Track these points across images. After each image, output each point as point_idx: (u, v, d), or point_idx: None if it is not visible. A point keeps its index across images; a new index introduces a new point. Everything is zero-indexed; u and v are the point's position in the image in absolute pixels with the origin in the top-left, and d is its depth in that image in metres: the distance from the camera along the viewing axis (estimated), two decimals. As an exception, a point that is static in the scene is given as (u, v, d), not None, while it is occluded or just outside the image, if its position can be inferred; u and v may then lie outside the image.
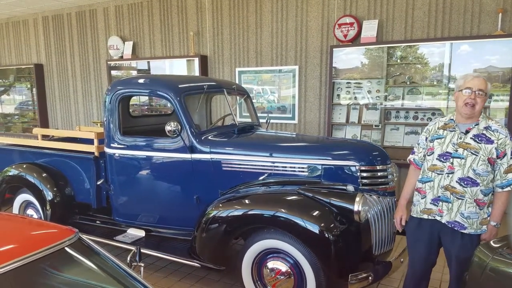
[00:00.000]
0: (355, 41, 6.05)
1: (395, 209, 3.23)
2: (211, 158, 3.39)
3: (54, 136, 4.98)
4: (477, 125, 2.41)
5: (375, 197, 3.07)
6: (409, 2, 5.72)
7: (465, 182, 2.39)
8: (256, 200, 3.05)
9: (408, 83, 5.82)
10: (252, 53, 6.93)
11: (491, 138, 2.35)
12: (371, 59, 6.08)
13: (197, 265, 3.22)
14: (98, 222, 4.15)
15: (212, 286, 3.55)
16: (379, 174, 3.15)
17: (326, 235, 2.71)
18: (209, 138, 3.48)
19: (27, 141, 4.63)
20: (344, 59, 6.21)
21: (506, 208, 2.38)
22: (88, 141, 4.35)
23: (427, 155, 2.59)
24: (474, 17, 5.38)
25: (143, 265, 1.83)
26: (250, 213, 2.99)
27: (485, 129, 2.38)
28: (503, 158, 2.34)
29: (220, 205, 3.18)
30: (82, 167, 4.04)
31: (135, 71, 8.32)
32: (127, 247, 3.60)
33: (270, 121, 4.54)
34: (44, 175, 4.12)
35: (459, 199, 2.41)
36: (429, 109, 5.75)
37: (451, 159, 2.43)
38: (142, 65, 8.16)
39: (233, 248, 3.34)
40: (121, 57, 8.22)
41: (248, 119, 4.68)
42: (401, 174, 4.50)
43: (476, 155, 2.36)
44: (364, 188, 3.07)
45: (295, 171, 3.23)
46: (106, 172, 3.90)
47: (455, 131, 2.47)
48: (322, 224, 2.73)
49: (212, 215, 3.15)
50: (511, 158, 2.34)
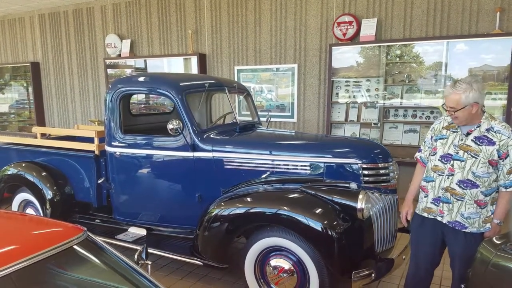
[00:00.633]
0: (354, 39, 6.07)
1: (397, 206, 3.27)
2: (213, 156, 3.38)
3: (51, 135, 4.95)
4: (478, 127, 2.39)
5: (377, 194, 3.09)
6: (408, 0, 5.74)
7: (464, 185, 2.40)
8: (259, 198, 3.06)
9: (407, 81, 5.85)
10: (251, 51, 6.93)
11: (493, 139, 2.33)
12: (370, 57, 6.09)
13: (200, 263, 3.22)
14: (98, 221, 4.13)
15: (214, 284, 3.55)
16: (381, 172, 3.17)
17: (329, 232, 2.71)
18: (211, 136, 3.48)
19: (26, 139, 4.60)
20: (343, 57, 6.22)
21: (509, 206, 2.40)
22: (87, 139, 4.34)
23: (430, 155, 2.60)
24: (472, 16, 5.41)
25: (150, 263, 1.83)
26: (253, 211, 2.99)
27: (487, 130, 2.36)
28: (505, 159, 2.32)
29: (222, 203, 3.18)
30: (82, 166, 4.02)
31: (130, 69, 8.29)
32: (129, 245, 3.59)
33: (270, 119, 4.54)
34: (43, 174, 4.10)
35: (459, 200, 2.43)
36: (427, 107, 5.78)
37: (451, 161, 2.44)
38: (139, 63, 8.13)
39: (234, 246, 3.34)
40: (119, 55, 8.19)
41: (248, 118, 4.68)
42: (400, 172, 4.51)
43: (476, 157, 2.36)
44: (366, 185, 3.08)
45: (297, 169, 3.24)
46: (106, 171, 3.89)
47: (457, 132, 2.47)
48: (326, 222, 2.74)
49: (214, 213, 3.15)
50: None
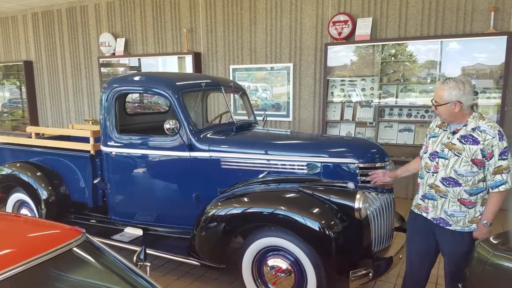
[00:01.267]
0: (349, 38, 6.08)
1: (394, 205, 3.28)
2: (209, 156, 3.37)
3: (44, 134, 4.90)
4: (465, 126, 2.40)
5: (374, 194, 3.09)
6: (403, 0, 5.75)
7: (447, 182, 2.43)
8: (256, 198, 3.05)
9: (402, 80, 5.87)
10: (246, 50, 6.91)
11: (477, 139, 2.33)
12: (365, 57, 6.11)
13: (197, 263, 3.21)
14: (94, 221, 4.11)
15: (211, 284, 3.54)
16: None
17: (327, 232, 2.72)
18: (207, 136, 3.46)
19: (21, 139, 4.55)
20: (338, 56, 6.23)
21: (497, 208, 2.37)
22: (82, 139, 4.31)
23: (424, 153, 2.64)
24: (466, 15, 5.44)
25: (149, 264, 1.82)
26: (250, 211, 2.98)
27: (473, 130, 2.36)
28: (490, 159, 2.32)
29: (219, 203, 3.17)
30: (78, 166, 3.99)
31: (122, 68, 8.24)
32: (126, 246, 3.57)
33: (267, 118, 4.53)
34: (38, 174, 4.06)
35: (443, 197, 2.46)
36: (422, 106, 5.80)
37: (437, 159, 2.48)
38: (134, 62, 8.09)
39: (231, 246, 3.33)
40: (113, 54, 8.14)
41: (243, 117, 4.67)
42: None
43: (458, 156, 2.37)
44: (363, 185, 3.09)
45: (294, 168, 3.23)
46: (102, 171, 3.86)
47: (446, 130, 2.51)
48: (323, 221, 2.74)
49: (211, 213, 3.14)
50: (498, 159, 2.30)
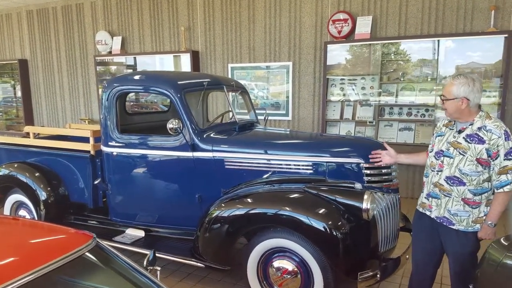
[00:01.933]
0: (349, 37, 6.05)
1: (399, 206, 3.26)
2: (213, 156, 3.32)
3: (39, 134, 4.81)
4: (471, 125, 2.39)
5: (380, 194, 3.06)
6: (403, -2, 5.74)
7: (451, 181, 2.41)
8: (261, 198, 3.01)
9: (402, 79, 5.86)
10: (245, 49, 6.86)
11: (483, 138, 2.32)
12: (365, 55, 6.08)
13: (201, 265, 3.17)
14: (94, 223, 4.05)
15: (214, 286, 3.50)
16: (383, 171, 3.15)
17: (334, 233, 2.68)
18: (211, 136, 3.41)
19: (19, 139, 4.47)
20: (338, 55, 6.20)
21: (502, 208, 2.35)
22: (79, 139, 4.24)
23: (430, 152, 2.64)
24: (467, 14, 5.43)
25: (159, 268, 1.77)
26: (255, 212, 2.94)
27: (479, 129, 2.35)
28: (496, 159, 2.30)
29: (223, 204, 3.13)
30: (77, 166, 3.92)
31: (115, 66, 8.16)
32: (131, 248, 3.51)
33: (268, 118, 4.49)
34: (37, 174, 4.00)
35: (447, 196, 2.45)
36: (422, 105, 5.79)
37: (442, 158, 2.47)
38: (131, 60, 8.01)
39: (236, 248, 3.29)
40: (110, 52, 8.04)
41: (243, 116, 4.61)
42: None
43: (463, 155, 2.36)
44: (368, 185, 3.06)
45: (299, 168, 3.19)
46: (102, 171, 3.79)
47: (452, 129, 2.50)
48: (331, 222, 2.71)
49: (215, 215, 3.10)
50: (504, 159, 2.28)
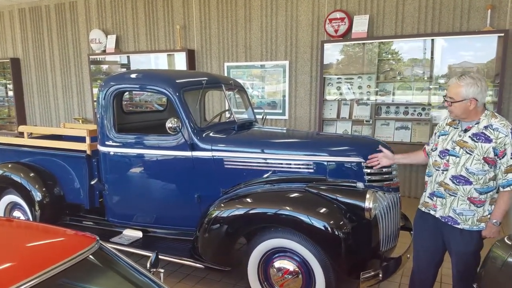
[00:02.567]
0: (346, 36, 6.03)
1: (400, 205, 3.25)
2: (212, 156, 3.29)
3: (32, 134, 4.73)
4: (477, 123, 2.37)
5: (381, 193, 3.05)
6: (400, -3, 5.74)
7: (457, 180, 2.39)
8: (262, 198, 2.98)
9: (399, 78, 5.86)
10: (241, 47, 6.82)
11: (490, 137, 2.31)
12: (362, 54, 6.08)
13: (201, 266, 3.13)
14: (90, 223, 3.99)
15: (213, 286, 3.47)
16: (384, 170, 3.13)
17: (337, 232, 2.66)
18: (210, 135, 3.38)
19: (13, 139, 4.39)
20: (334, 54, 6.18)
21: (507, 207, 2.36)
22: (74, 138, 4.18)
23: (432, 150, 2.62)
24: (463, 13, 5.44)
25: (163, 270, 1.73)
26: (256, 212, 2.91)
27: (485, 128, 2.34)
28: (503, 157, 2.29)
29: (222, 204, 3.09)
30: (73, 166, 3.86)
31: (107, 65, 8.07)
32: (125, 249, 3.46)
33: (266, 117, 4.46)
34: (31, 174, 3.93)
35: (452, 195, 2.43)
36: (419, 104, 5.80)
37: (447, 157, 2.45)
38: (125, 59, 7.93)
39: (235, 248, 3.25)
40: (104, 51, 7.96)
41: (242, 115, 4.58)
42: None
43: (470, 154, 2.35)
44: (369, 184, 3.04)
45: (299, 168, 3.17)
46: (99, 171, 3.74)
47: (457, 128, 2.48)
48: (333, 222, 2.69)
49: (214, 215, 3.06)
50: (511, 158, 2.28)
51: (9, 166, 4.06)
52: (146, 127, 4.12)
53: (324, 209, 2.76)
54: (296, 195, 2.91)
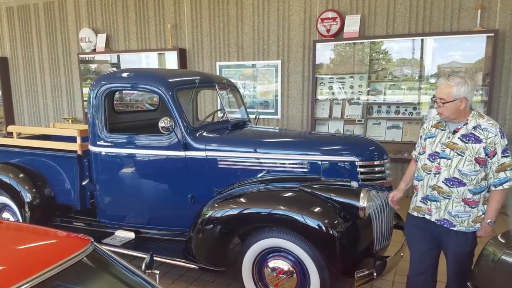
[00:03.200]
0: (338, 36, 6.05)
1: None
2: (206, 156, 3.26)
3: (21, 134, 4.65)
4: (465, 124, 2.36)
5: (374, 192, 3.05)
6: (391, -3, 5.77)
7: (451, 183, 2.38)
8: (256, 198, 2.97)
9: (390, 78, 5.89)
10: (233, 47, 6.80)
11: (479, 137, 2.31)
12: (354, 54, 6.09)
13: (195, 267, 3.10)
14: (82, 225, 3.94)
15: (207, 287, 3.44)
16: (377, 169, 3.14)
17: (332, 231, 2.66)
18: (203, 134, 3.35)
19: (1, 139, 4.30)
20: (326, 54, 6.19)
21: (499, 206, 2.36)
22: (64, 138, 4.12)
23: (420, 154, 2.59)
24: (454, 13, 5.49)
25: (158, 272, 1.71)
26: (251, 212, 2.90)
27: (474, 128, 2.33)
28: (493, 157, 2.30)
29: (216, 205, 3.07)
30: (64, 167, 3.81)
31: (95, 65, 7.99)
32: (118, 250, 3.42)
33: (259, 116, 4.45)
34: (21, 175, 3.87)
35: (446, 198, 2.41)
36: (410, 103, 5.84)
37: (438, 159, 2.42)
38: (115, 58, 7.83)
39: (230, 248, 3.23)
40: (94, 50, 7.86)
41: (234, 115, 4.56)
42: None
43: (462, 155, 2.34)
44: (362, 183, 3.05)
45: (293, 167, 3.16)
46: (90, 172, 3.69)
47: (445, 130, 2.45)
48: (327, 221, 2.69)
49: (208, 215, 3.04)
50: (502, 157, 2.29)
51: (-2, 166, 3.98)
52: (137, 127, 4.08)
53: (319, 208, 2.75)
54: (290, 194, 2.90)
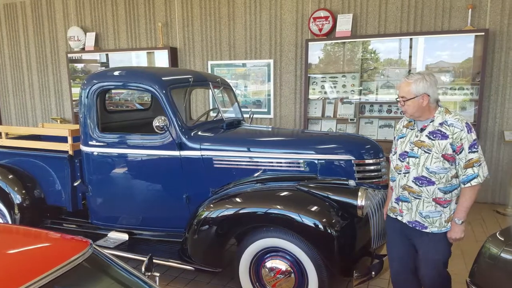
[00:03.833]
0: (330, 35, 6.05)
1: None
2: (201, 155, 3.22)
3: (9, 135, 4.54)
4: (432, 121, 2.33)
5: (371, 190, 3.04)
6: (383, -4, 5.79)
7: (420, 182, 2.33)
8: (254, 197, 2.93)
9: (382, 77, 5.91)
10: (225, 45, 6.75)
11: (446, 133, 2.26)
12: (346, 53, 6.10)
13: (191, 268, 3.06)
14: (73, 226, 3.86)
15: (202, 288, 3.40)
16: (373, 168, 3.13)
17: (330, 230, 2.64)
18: (198, 134, 3.30)
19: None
20: (319, 53, 6.19)
21: (470, 204, 2.27)
22: (53, 138, 4.04)
23: (392, 155, 2.57)
24: (445, 12, 5.53)
25: (158, 274, 1.66)
26: (248, 211, 2.86)
27: (441, 124, 2.29)
28: (460, 153, 2.24)
29: (212, 205, 3.03)
30: (54, 168, 3.72)
31: (82, 64, 7.88)
32: (112, 252, 3.35)
33: (253, 115, 4.41)
34: (10, 176, 3.77)
35: (417, 198, 2.37)
36: (402, 102, 5.85)
37: (407, 159, 2.39)
38: (104, 57, 7.72)
39: (226, 249, 3.19)
40: (83, 49, 7.75)
41: (228, 114, 4.52)
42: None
43: (429, 153, 2.29)
44: (359, 182, 3.03)
45: (290, 166, 3.13)
46: (82, 172, 3.61)
47: (414, 129, 2.43)
48: (326, 220, 2.67)
49: (204, 216, 3.00)
50: (469, 152, 2.23)
51: (-15, 168, 3.88)
52: (130, 126, 4.01)
53: (317, 207, 2.73)
54: (287, 193, 2.87)
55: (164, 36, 7.12)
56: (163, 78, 3.34)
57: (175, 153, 3.23)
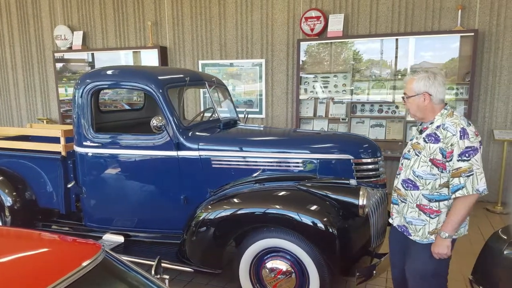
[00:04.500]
0: (322, 35, 6.06)
1: (387, 201, 3.27)
2: (199, 155, 3.18)
3: None
4: (431, 123, 2.22)
5: (369, 189, 3.05)
6: (374, -3, 5.83)
7: (406, 184, 2.25)
8: (253, 198, 2.91)
9: (373, 77, 5.95)
10: (216, 45, 6.71)
11: (439, 136, 2.12)
12: (337, 53, 6.12)
13: (190, 269, 3.02)
14: (66, 229, 3.77)
15: (200, 290, 3.36)
16: (371, 167, 3.14)
17: (331, 230, 2.63)
18: (196, 133, 3.26)
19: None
20: (310, 53, 6.20)
21: (459, 218, 2.06)
22: (42, 139, 3.95)
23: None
24: (435, 13, 5.60)
25: (167, 277, 1.63)
26: (248, 212, 2.83)
27: (437, 128, 2.16)
28: (450, 160, 2.07)
29: (210, 206, 2.99)
30: (47, 169, 3.63)
31: (63, 63, 7.74)
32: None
33: (248, 115, 4.39)
34: (0, 178, 3.66)
35: (403, 202, 2.29)
36: (393, 102, 5.92)
37: (403, 160, 2.35)
38: (90, 57, 7.58)
39: (226, 250, 3.16)
40: (70, 48, 7.60)
41: (223, 114, 4.48)
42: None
43: (418, 155, 2.20)
44: (358, 181, 3.04)
45: (289, 166, 3.12)
46: (75, 174, 3.53)
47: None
48: (327, 219, 2.66)
49: (202, 217, 2.96)
50: (458, 160, 2.05)
51: (-26, 170, 3.76)
52: (124, 126, 3.94)
53: (318, 206, 2.72)
54: (288, 193, 2.86)
55: (154, 35, 7.03)
56: (159, 77, 3.29)
57: (172, 153, 3.19)
